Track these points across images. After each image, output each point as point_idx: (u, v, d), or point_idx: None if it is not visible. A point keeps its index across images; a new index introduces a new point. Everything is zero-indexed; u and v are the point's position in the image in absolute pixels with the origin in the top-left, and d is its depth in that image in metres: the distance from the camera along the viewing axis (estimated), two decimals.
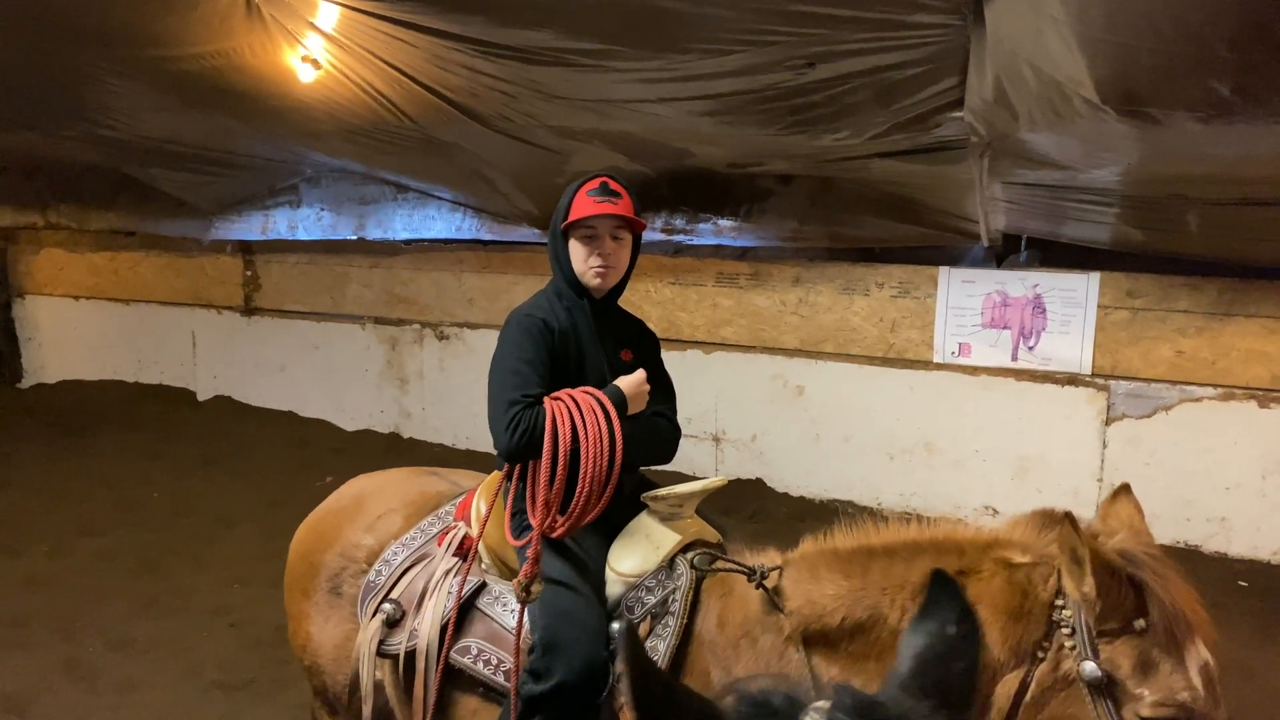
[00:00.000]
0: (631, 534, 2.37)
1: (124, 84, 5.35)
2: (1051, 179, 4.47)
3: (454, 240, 7.34)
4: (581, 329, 2.47)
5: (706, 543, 2.37)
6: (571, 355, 2.43)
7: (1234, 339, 5.20)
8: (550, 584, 2.28)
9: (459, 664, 2.34)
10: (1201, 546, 5.38)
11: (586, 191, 2.42)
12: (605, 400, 2.29)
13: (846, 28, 3.39)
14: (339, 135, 5.85)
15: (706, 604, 2.23)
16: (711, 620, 2.20)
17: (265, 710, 3.89)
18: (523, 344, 2.36)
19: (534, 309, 2.45)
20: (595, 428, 2.23)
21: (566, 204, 2.45)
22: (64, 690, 4.02)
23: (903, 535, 2.16)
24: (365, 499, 2.80)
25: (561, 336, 2.41)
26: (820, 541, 2.24)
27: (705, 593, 2.25)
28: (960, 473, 5.94)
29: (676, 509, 2.36)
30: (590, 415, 2.24)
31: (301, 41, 4.53)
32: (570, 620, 2.20)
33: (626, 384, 2.35)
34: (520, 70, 4.28)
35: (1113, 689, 1.82)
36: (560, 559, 2.32)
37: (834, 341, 6.19)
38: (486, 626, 2.35)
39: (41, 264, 9.29)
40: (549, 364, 2.37)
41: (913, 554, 2.08)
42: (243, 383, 8.51)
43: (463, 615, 2.38)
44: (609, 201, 2.40)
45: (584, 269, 2.44)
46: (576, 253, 2.44)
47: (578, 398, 2.29)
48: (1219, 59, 2.58)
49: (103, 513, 6.08)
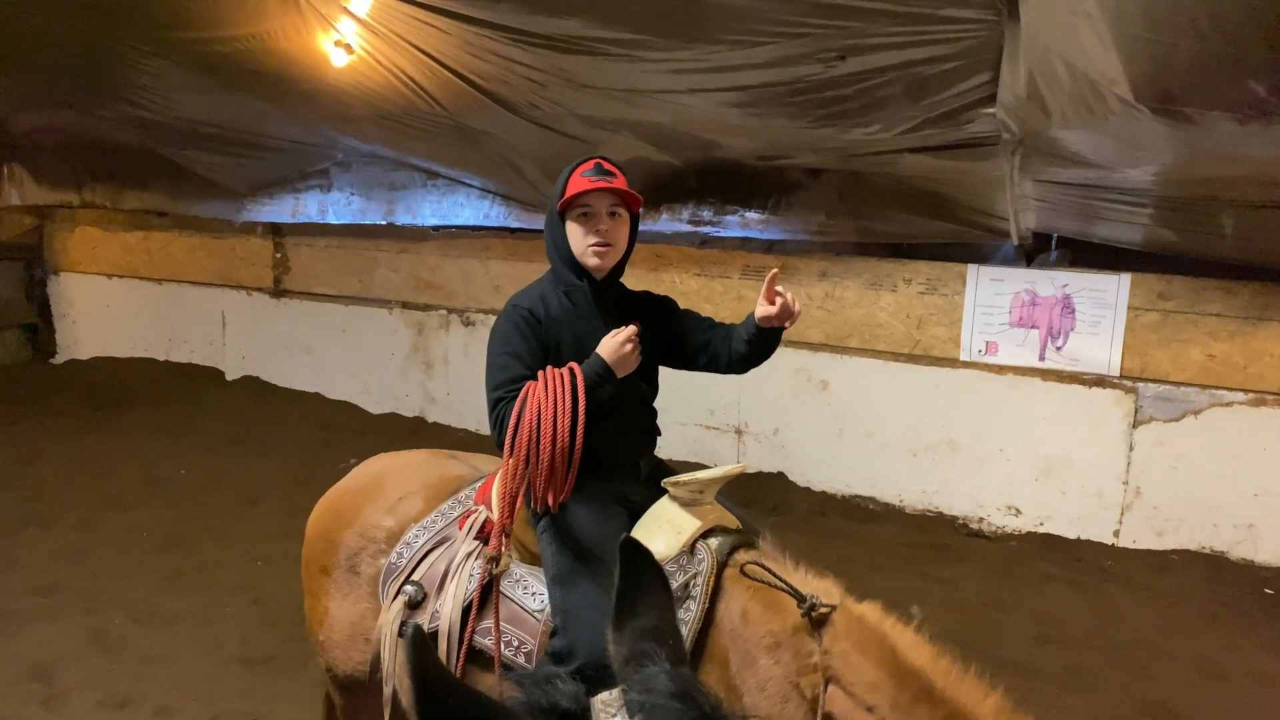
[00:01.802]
0: (653, 519, 2.38)
1: (160, 65, 5.41)
2: (1083, 178, 4.42)
3: (481, 227, 7.36)
4: (583, 312, 2.47)
5: (727, 529, 2.36)
6: (565, 340, 2.43)
7: (1267, 344, 5.12)
8: (570, 569, 2.30)
9: (481, 645, 2.37)
10: (1228, 553, 5.31)
11: (581, 172, 2.43)
12: (576, 368, 2.30)
13: (878, 21, 3.37)
14: (370, 120, 5.89)
15: (730, 591, 2.22)
16: (736, 609, 2.18)
17: (286, 685, 3.94)
18: (508, 336, 2.39)
19: (521, 299, 2.48)
20: (555, 393, 2.23)
21: (562, 186, 2.45)
22: (89, 660, 4.10)
23: (966, 694, 1.87)
24: (385, 480, 2.82)
25: (551, 324, 2.43)
26: (886, 623, 2.04)
27: (728, 580, 2.24)
28: (983, 471, 5.90)
29: (697, 494, 2.36)
30: (553, 383, 2.25)
31: (335, 26, 4.56)
32: (591, 603, 2.21)
33: (606, 348, 2.33)
34: (551, 59, 4.29)
35: None
36: (578, 544, 2.33)
37: (859, 337, 6.16)
38: (508, 608, 2.38)
39: (76, 242, 9.43)
40: (539, 352, 2.39)
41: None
42: (271, 363, 8.60)
43: (484, 597, 2.41)
44: (604, 179, 2.40)
45: (582, 249, 2.44)
46: (574, 233, 2.45)
47: (549, 373, 2.30)
48: (1258, 58, 2.54)
49: (131, 487, 6.17)
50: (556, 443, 2.21)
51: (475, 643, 2.37)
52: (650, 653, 1.21)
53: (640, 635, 1.26)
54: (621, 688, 1.18)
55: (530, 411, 2.22)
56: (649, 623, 1.29)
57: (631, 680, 1.18)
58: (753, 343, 2.48)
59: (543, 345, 2.40)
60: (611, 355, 2.32)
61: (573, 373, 2.28)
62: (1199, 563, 5.28)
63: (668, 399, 2.66)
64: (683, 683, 1.16)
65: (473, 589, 2.40)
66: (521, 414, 2.22)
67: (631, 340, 2.34)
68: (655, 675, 1.17)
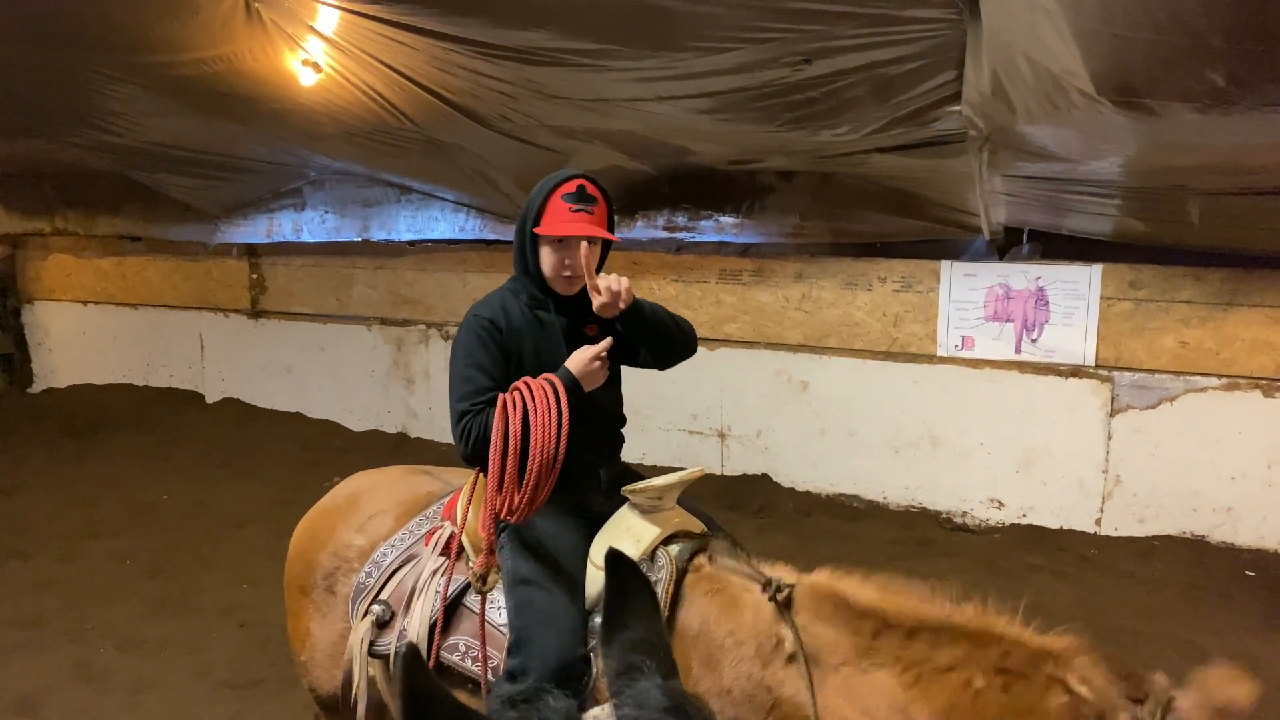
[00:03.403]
0: (613, 527, 2.38)
1: (127, 90, 5.38)
2: (1051, 171, 4.47)
3: (458, 241, 7.36)
4: (545, 322, 2.45)
5: (690, 534, 2.36)
6: (527, 348, 2.42)
7: (1238, 329, 5.19)
8: (525, 584, 2.28)
9: (449, 661, 2.36)
10: (1208, 537, 5.37)
11: (562, 195, 2.37)
12: (557, 381, 2.28)
13: (842, 23, 3.40)
14: (341, 138, 5.88)
15: (690, 598, 2.22)
16: (695, 615, 2.19)
17: (275, 709, 3.92)
18: (471, 348, 2.37)
19: (483, 308, 2.45)
20: (544, 406, 2.22)
21: (539, 206, 2.40)
22: (75, 691, 4.06)
23: (926, 610, 1.97)
24: (359, 498, 2.83)
25: (512, 333, 2.41)
26: (835, 580, 2.13)
27: (688, 587, 2.24)
28: (965, 466, 5.95)
29: (656, 501, 2.35)
30: (540, 396, 2.24)
31: (301, 45, 4.56)
32: (544, 620, 2.21)
33: (575, 363, 2.33)
34: (519, 71, 4.30)
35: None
36: (535, 558, 2.32)
37: (837, 336, 6.20)
38: (474, 624, 2.36)
39: (50, 269, 9.35)
40: (502, 363, 2.38)
41: (938, 636, 1.91)
42: (250, 384, 8.55)
43: (451, 613, 2.40)
44: (585, 212, 2.35)
45: (554, 275, 2.42)
46: (547, 258, 2.41)
47: (529, 383, 2.29)
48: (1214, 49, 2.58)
49: (113, 515, 6.12)
50: (543, 456, 2.20)
51: (443, 659, 2.36)
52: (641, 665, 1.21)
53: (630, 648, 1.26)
54: (613, 702, 1.18)
55: (515, 424, 2.20)
56: (637, 635, 1.29)
57: (624, 695, 1.18)
58: (632, 338, 2.47)
59: (505, 355, 2.39)
60: (581, 370, 2.31)
61: (555, 386, 2.27)
62: (1180, 548, 5.33)
63: (650, 404, 2.67)
64: (675, 697, 1.17)
65: (438, 606, 2.39)
66: (506, 428, 2.21)
67: (600, 357, 2.34)
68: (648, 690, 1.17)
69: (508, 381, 2.35)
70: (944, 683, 1.86)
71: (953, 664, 1.87)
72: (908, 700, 1.88)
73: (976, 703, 1.81)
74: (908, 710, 1.87)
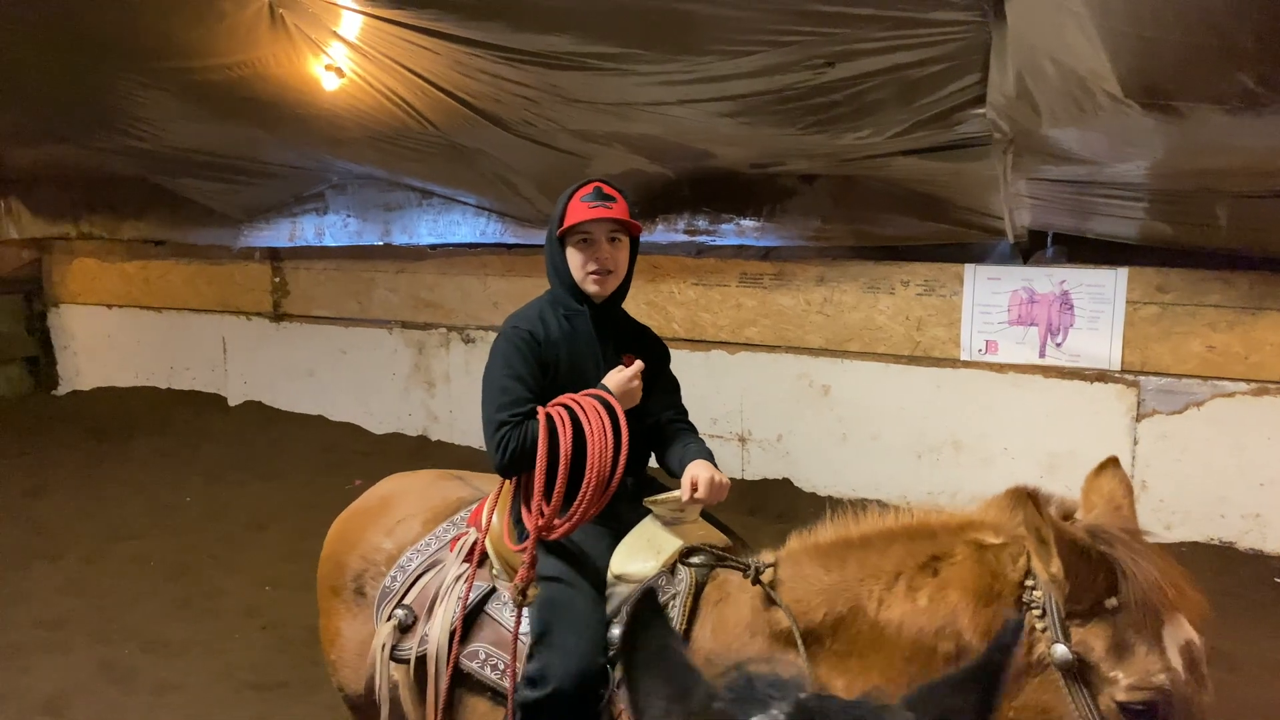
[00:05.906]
0: (636, 538, 2.37)
1: (153, 95, 5.44)
2: (1076, 174, 4.43)
3: (478, 244, 7.38)
4: (581, 335, 2.47)
5: (713, 547, 2.35)
6: (564, 362, 2.43)
7: (1267, 333, 5.12)
8: (551, 581, 2.28)
9: (468, 669, 2.36)
10: (1236, 543, 5.30)
11: (580, 197, 2.42)
12: (609, 398, 2.30)
13: (865, 26, 3.39)
14: (364, 142, 5.91)
15: (704, 611, 2.22)
16: (708, 627, 2.18)
17: (298, 711, 3.94)
18: (510, 358, 2.39)
19: (522, 320, 2.47)
20: (599, 425, 2.24)
21: (561, 211, 2.45)
22: (100, 691, 4.09)
23: (878, 524, 2.12)
24: (390, 502, 2.84)
25: (550, 345, 2.43)
26: (804, 537, 2.21)
27: (704, 600, 2.23)
28: (989, 471, 5.89)
29: (678, 513, 2.35)
30: (594, 415, 2.26)
31: (325, 50, 4.58)
32: (566, 626, 2.21)
33: (614, 381, 2.35)
34: (541, 75, 4.30)
35: (1086, 673, 1.73)
36: (560, 563, 2.32)
37: (859, 340, 6.16)
38: (495, 631, 2.37)
39: (75, 273, 9.45)
40: (539, 375, 2.39)
41: (887, 542, 2.05)
42: (272, 388, 8.60)
43: (472, 620, 2.40)
44: (603, 205, 2.39)
45: (582, 275, 2.44)
46: (574, 259, 2.45)
47: (581, 400, 2.30)
48: (1244, 50, 2.56)
49: (137, 517, 6.17)
50: (598, 478, 2.22)
51: (462, 666, 2.36)
52: None
53: None
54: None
55: (566, 442, 2.22)
56: None
57: None
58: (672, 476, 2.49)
59: (542, 367, 2.40)
60: (619, 389, 2.34)
61: (610, 406, 2.28)
62: (1208, 554, 5.26)
63: None
64: None
65: (458, 613, 2.39)
66: (556, 444, 2.22)
67: (637, 378, 2.37)
68: None
69: (545, 394, 2.36)
70: (893, 588, 1.99)
71: (898, 568, 2.00)
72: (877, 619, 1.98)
73: (912, 594, 1.95)
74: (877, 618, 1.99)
